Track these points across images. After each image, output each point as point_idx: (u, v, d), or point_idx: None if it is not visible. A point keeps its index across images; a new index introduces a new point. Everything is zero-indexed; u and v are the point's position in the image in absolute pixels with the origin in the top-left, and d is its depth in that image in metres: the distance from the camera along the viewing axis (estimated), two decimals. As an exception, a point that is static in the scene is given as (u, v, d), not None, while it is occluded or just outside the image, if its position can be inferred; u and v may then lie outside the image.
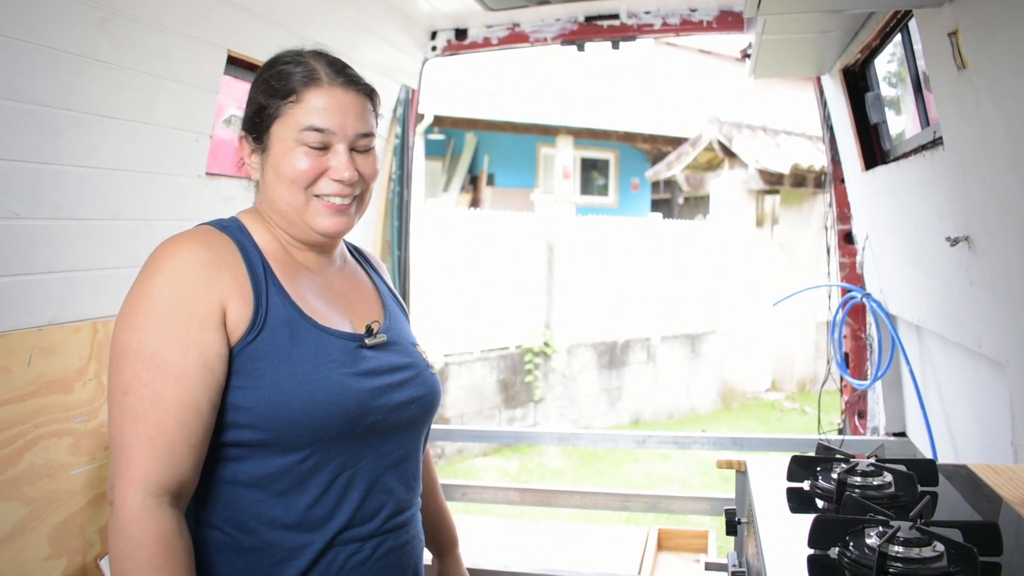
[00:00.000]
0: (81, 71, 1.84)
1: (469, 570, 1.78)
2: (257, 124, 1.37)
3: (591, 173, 15.59)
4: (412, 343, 1.49)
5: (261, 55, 2.45)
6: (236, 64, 2.41)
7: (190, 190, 2.31)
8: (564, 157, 13.92)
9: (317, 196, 1.36)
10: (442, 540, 1.73)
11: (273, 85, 1.36)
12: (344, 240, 1.56)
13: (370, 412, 1.31)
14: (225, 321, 1.25)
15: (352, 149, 1.37)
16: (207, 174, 2.35)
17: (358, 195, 1.40)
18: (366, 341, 1.37)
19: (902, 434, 3.15)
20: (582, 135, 14.01)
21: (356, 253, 1.61)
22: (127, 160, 2.06)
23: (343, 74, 1.38)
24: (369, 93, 1.41)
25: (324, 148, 1.34)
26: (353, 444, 1.30)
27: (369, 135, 1.39)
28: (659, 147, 14.75)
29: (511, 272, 9.34)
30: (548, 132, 13.73)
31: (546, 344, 9.47)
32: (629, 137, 14.48)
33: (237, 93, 2.72)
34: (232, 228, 1.35)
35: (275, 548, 1.27)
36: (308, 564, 1.28)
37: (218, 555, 1.28)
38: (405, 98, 3.52)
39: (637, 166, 15.71)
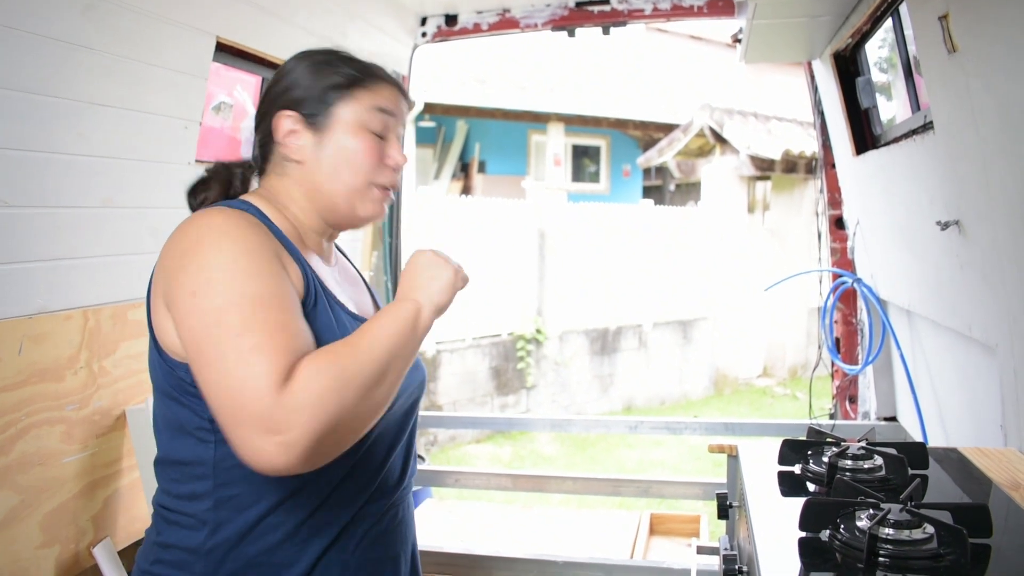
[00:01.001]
0: (68, 58, 1.83)
1: (460, 555, 1.78)
2: (312, 102, 1.34)
3: (582, 160, 15.57)
4: None
5: (250, 42, 2.44)
6: (225, 51, 2.40)
7: (180, 177, 2.28)
8: (555, 144, 13.90)
9: (374, 184, 1.36)
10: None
11: (341, 68, 1.35)
12: None
13: None
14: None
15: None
16: (197, 161, 2.34)
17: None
18: None
19: (893, 419, 3.17)
20: (573, 122, 13.98)
21: None
22: (116, 148, 2.05)
23: (394, 78, 1.42)
24: (403, 90, 1.44)
25: (382, 137, 1.36)
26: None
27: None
28: (650, 134, 14.74)
29: (503, 259, 9.33)
30: (539, 119, 13.70)
31: (538, 331, 9.48)
32: (620, 124, 14.46)
33: (226, 80, 2.70)
34: (252, 210, 1.29)
35: (302, 531, 1.27)
36: (334, 535, 1.29)
37: (242, 534, 1.24)
38: (395, 85, 3.50)
39: (628, 153, 15.70)
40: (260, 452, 1.04)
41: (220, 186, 1.40)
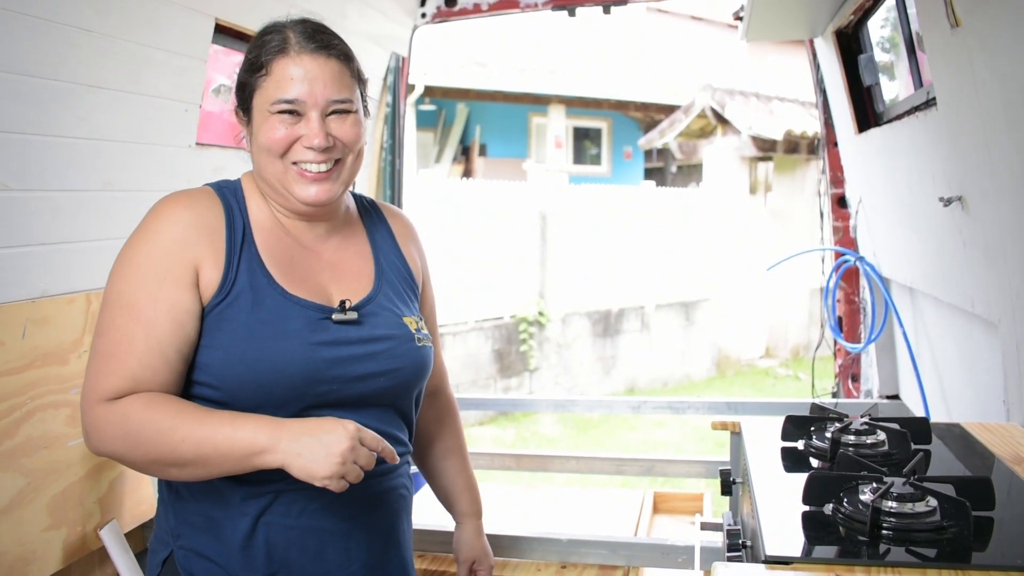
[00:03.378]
0: (66, 40, 1.82)
1: None
2: (242, 99, 1.42)
3: (583, 142, 15.53)
4: (400, 315, 1.48)
5: (249, 23, 2.43)
6: (224, 33, 2.39)
7: (180, 160, 2.29)
8: (556, 126, 13.86)
9: (294, 164, 1.38)
10: (462, 506, 1.76)
11: (250, 59, 1.40)
12: (363, 197, 1.61)
13: (321, 382, 1.34)
14: (199, 282, 1.32)
15: (329, 114, 1.38)
16: (197, 144, 2.34)
17: (340, 160, 1.41)
18: (333, 316, 1.38)
19: (895, 396, 3.17)
20: (574, 104, 13.93)
21: (372, 210, 1.61)
22: (116, 130, 2.05)
23: (314, 40, 1.38)
24: (344, 57, 1.41)
25: (298, 116, 1.36)
26: (306, 410, 1.33)
27: (345, 100, 1.39)
28: (652, 115, 14.68)
29: (505, 242, 9.33)
30: (540, 101, 13.65)
31: (540, 313, 9.48)
32: (621, 105, 14.40)
33: (225, 63, 2.69)
34: (228, 191, 1.42)
35: (235, 494, 1.34)
36: (267, 502, 1.35)
37: (187, 489, 1.37)
38: (395, 66, 3.49)
39: (630, 135, 15.65)
40: (82, 428, 1.29)
41: None
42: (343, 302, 1.40)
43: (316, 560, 1.37)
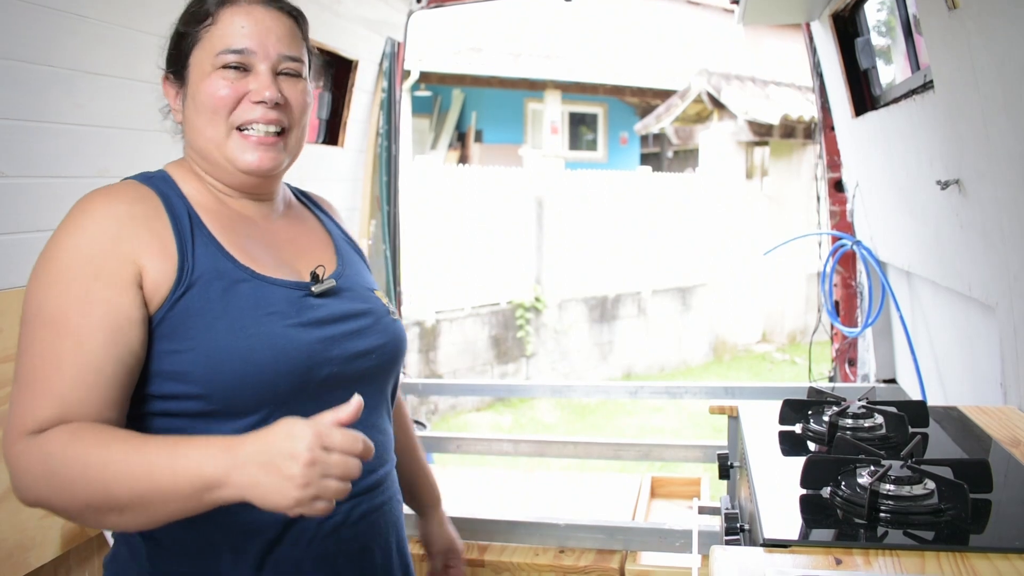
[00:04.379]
0: (61, 26, 1.81)
1: (462, 519, 1.78)
2: (176, 57, 1.28)
3: (579, 128, 15.50)
4: (369, 289, 1.37)
5: (244, 8, 2.42)
6: (219, 18, 2.38)
7: (177, 147, 2.28)
8: (552, 112, 13.83)
9: (239, 129, 1.24)
10: (423, 498, 1.67)
11: (191, 11, 1.27)
12: (288, 185, 1.47)
13: (323, 364, 1.20)
14: (142, 282, 1.13)
15: (278, 74, 1.25)
16: (193, 130, 2.33)
17: (287, 128, 1.28)
18: (312, 289, 1.25)
19: (892, 380, 3.18)
20: (570, 89, 13.90)
21: (303, 197, 1.49)
22: (112, 117, 2.04)
23: None
24: (295, 15, 1.30)
25: (244, 71, 1.23)
26: (309, 401, 1.15)
27: (297, 59, 1.27)
28: (648, 100, 14.66)
29: (501, 228, 9.32)
30: (535, 87, 13.62)
31: (537, 299, 9.48)
32: (617, 91, 14.38)
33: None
34: (157, 179, 1.25)
35: (236, 523, 1.15)
36: (275, 536, 1.18)
37: (167, 533, 1.15)
38: (391, 51, 3.48)
39: (626, 120, 15.62)
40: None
41: None
42: (314, 273, 1.26)
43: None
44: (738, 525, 1.48)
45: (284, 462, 0.94)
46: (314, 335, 1.20)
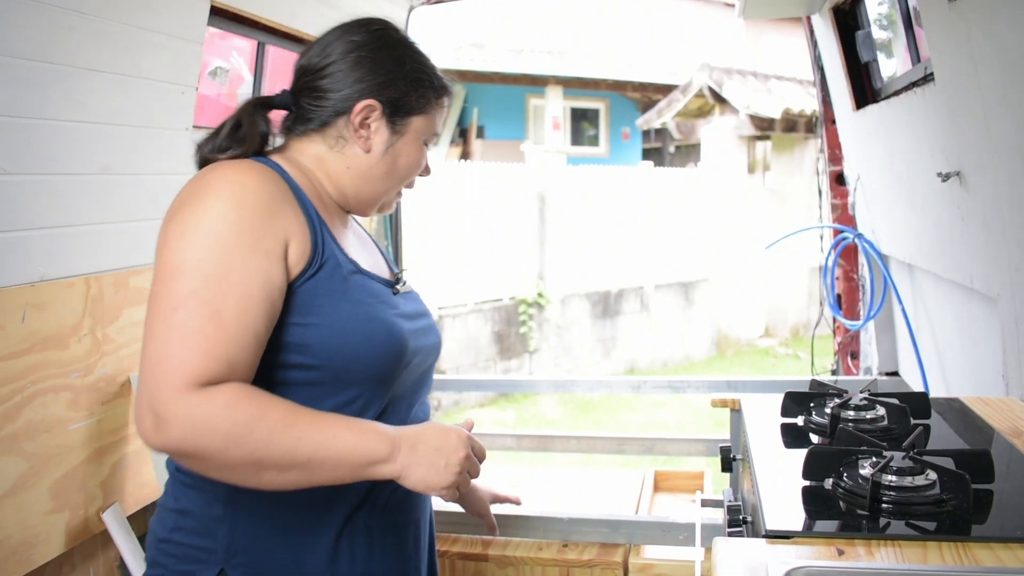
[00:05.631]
0: (61, 23, 1.81)
1: (465, 514, 1.79)
2: (401, 105, 1.36)
3: (581, 123, 15.49)
4: (419, 294, 1.51)
5: (245, 5, 2.42)
6: (220, 15, 2.38)
7: (178, 143, 2.29)
8: (554, 108, 13.82)
9: (404, 186, 1.44)
10: None
11: (431, 80, 1.39)
12: None
13: (413, 352, 1.32)
14: (287, 255, 1.21)
15: None
16: (194, 127, 2.33)
17: None
18: (396, 288, 1.39)
19: (895, 373, 3.18)
20: (571, 85, 13.89)
21: None
22: (114, 114, 2.04)
23: None
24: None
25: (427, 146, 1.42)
26: (392, 385, 1.30)
27: None
28: (649, 95, 14.63)
29: (503, 224, 9.32)
30: (537, 83, 13.61)
31: (540, 295, 9.49)
32: (619, 86, 14.36)
33: (221, 45, 2.68)
34: (277, 168, 1.30)
35: (320, 499, 1.25)
36: (359, 500, 1.30)
37: (262, 496, 1.23)
38: (392, 48, 3.47)
39: (627, 115, 15.61)
40: (140, 424, 1.09)
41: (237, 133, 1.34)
42: (398, 275, 1.45)
43: (398, 555, 1.36)
44: (741, 517, 1.49)
45: (449, 455, 1.18)
46: (404, 326, 1.32)
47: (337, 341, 1.22)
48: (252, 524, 1.24)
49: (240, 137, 1.32)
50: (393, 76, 1.35)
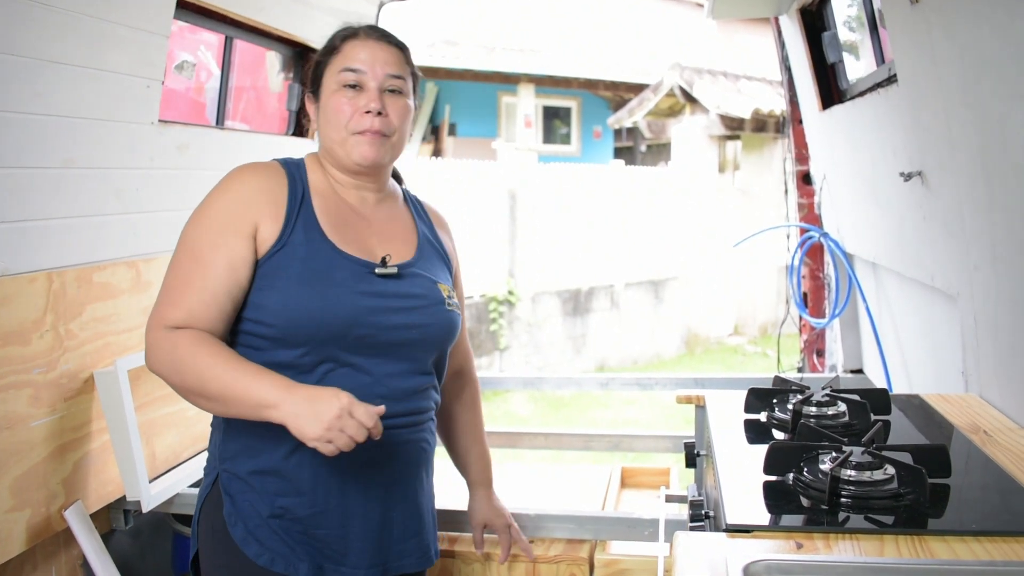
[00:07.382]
0: (24, 15, 1.79)
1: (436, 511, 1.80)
2: (313, 79, 1.65)
3: (553, 121, 15.50)
4: (435, 281, 1.66)
5: (211, -2, 2.40)
6: (186, 8, 2.36)
7: (143, 137, 2.27)
8: (526, 105, 13.82)
9: (354, 134, 1.58)
10: (470, 475, 1.99)
11: (325, 46, 1.64)
12: (407, 191, 1.81)
13: (361, 325, 1.52)
14: (257, 235, 1.51)
15: (384, 91, 1.59)
16: (160, 121, 2.31)
17: (389, 133, 1.59)
18: (376, 270, 1.57)
19: (859, 371, 3.22)
20: (543, 83, 13.89)
21: (416, 204, 1.80)
22: (77, 107, 2.02)
23: (378, 32, 1.64)
24: (401, 47, 1.65)
25: (358, 89, 1.58)
26: (345, 350, 1.52)
27: (399, 77, 1.61)
28: (621, 94, 14.68)
29: (474, 221, 9.31)
30: (509, 80, 13.60)
31: (510, 292, 9.49)
32: (591, 84, 14.38)
33: (188, 39, 2.66)
34: (292, 165, 1.62)
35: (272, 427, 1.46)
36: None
37: (231, 425, 1.56)
38: (362, 43, 3.45)
39: (599, 114, 15.64)
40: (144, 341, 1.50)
41: None
42: (384, 258, 1.59)
43: (339, 494, 1.55)
44: (703, 512, 1.50)
45: (322, 409, 1.35)
46: (363, 302, 1.53)
47: (284, 303, 1.49)
48: (232, 438, 1.56)
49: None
50: (312, 69, 1.66)
